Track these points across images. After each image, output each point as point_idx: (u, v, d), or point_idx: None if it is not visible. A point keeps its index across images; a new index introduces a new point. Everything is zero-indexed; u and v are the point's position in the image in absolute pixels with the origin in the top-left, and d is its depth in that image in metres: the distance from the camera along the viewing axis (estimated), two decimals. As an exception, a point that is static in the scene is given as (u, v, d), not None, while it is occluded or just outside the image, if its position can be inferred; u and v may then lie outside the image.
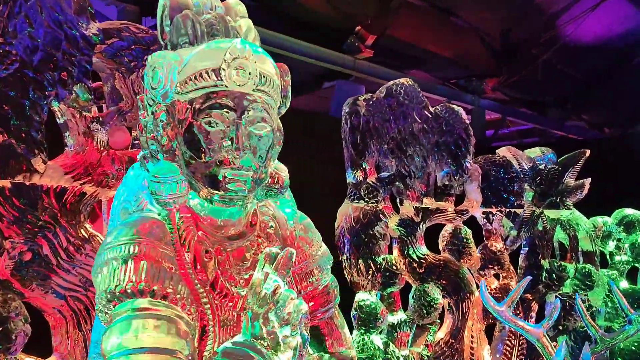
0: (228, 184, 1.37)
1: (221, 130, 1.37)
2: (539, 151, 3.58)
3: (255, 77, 1.39)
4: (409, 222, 3.16)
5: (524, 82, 6.63)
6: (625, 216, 3.77)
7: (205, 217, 1.46)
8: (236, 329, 1.42)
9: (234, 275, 1.45)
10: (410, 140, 3.18)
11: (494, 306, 2.20)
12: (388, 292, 3.10)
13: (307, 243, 1.68)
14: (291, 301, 1.21)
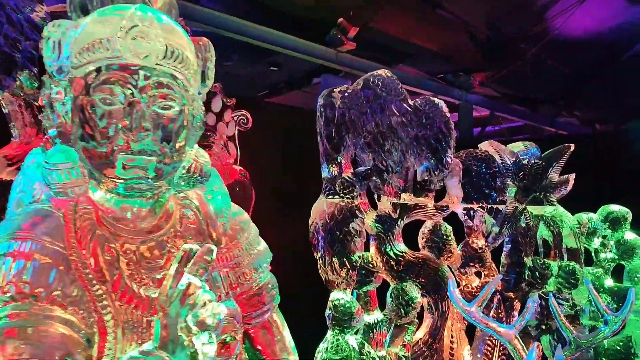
0: (126, 172, 1.23)
1: (118, 109, 1.22)
2: (522, 146, 3.51)
3: (159, 48, 1.25)
4: (386, 218, 3.09)
5: (512, 77, 6.57)
6: (611, 212, 3.71)
7: (110, 210, 1.33)
8: (146, 335, 1.29)
9: (142, 275, 1.32)
10: (388, 134, 3.10)
11: (462, 306, 2.13)
12: (364, 291, 3.03)
13: (239, 240, 1.56)
14: (208, 304, 1.10)
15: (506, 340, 2.15)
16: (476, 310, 2.15)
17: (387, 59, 5.86)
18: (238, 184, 3.55)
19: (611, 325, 2.51)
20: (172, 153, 1.28)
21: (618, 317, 2.53)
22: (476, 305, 2.16)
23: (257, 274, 1.58)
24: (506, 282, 3.45)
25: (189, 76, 1.33)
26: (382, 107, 3.11)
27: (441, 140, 3.31)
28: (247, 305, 1.56)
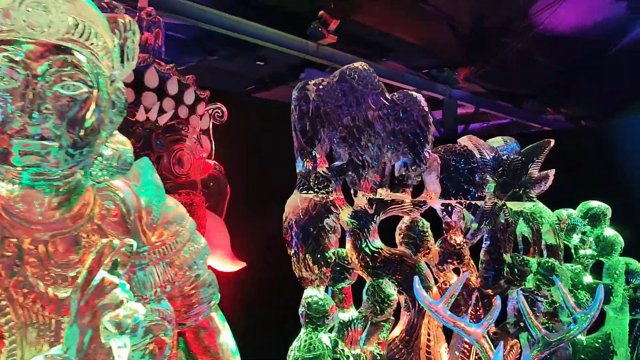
0: (22, 158, 1.12)
1: (12, 88, 1.12)
2: (502, 141, 3.48)
3: (62, 22, 1.14)
4: (362, 214, 3.04)
5: (497, 73, 6.55)
6: (591, 208, 3.70)
7: (15, 201, 1.23)
8: (55, 338, 1.19)
9: (51, 272, 1.22)
10: (365, 128, 3.05)
11: (429, 304, 2.08)
12: (339, 288, 2.98)
13: (171, 235, 1.47)
14: (125, 303, 1.03)
15: (474, 339, 2.11)
16: (443, 308, 2.10)
17: (369, 53, 5.81)
18: (212, 179, 3.50)
19: (580, 324, 2.48)
20: (79, 138, 1.18)
21: (587, 315, 2.51)
22: (443, 303, 2.11)
23: (192, 272, 1.50)
24: (485, 279, 3.42)
25: (101, 55, 1.24)
26: (358, 100, 3.05)
27: (419, 134, 3.27)
28: (180, 305, 1.49)
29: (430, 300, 2.14)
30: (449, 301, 2.15)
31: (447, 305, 2.13)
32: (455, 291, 2.21)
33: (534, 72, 7.04)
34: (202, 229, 3.29)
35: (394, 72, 5.84)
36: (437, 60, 6.25)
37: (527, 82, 7.27)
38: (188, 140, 3.24)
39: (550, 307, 3.52)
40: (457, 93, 6.60)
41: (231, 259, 3.43)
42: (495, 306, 2.19)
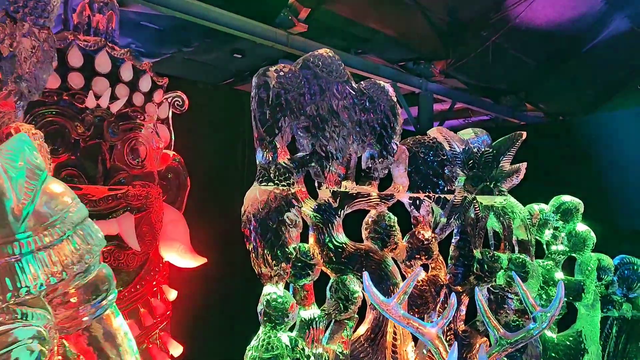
0: None
1: None
2: (472, 133, 3.40)
3: None
4: (326, 207, 2.93)
5: (474, 67, 6.49)
6: (563, 203, 3.64)
7: None
8: None
9: None
10: (329, 118, 2.94)
11: (380, 302, 1.97)
12: (301, 285, 2.86)
13: (47, 223, 1.32)
14: None
15: (428, 339, 2.01)
16: (395, 306, 2.00)
17: (343, 44, 5.70)
18: (171, 170, 3.35)
19: (539, 323, 2.40)
20: None
21: (546, 313, 2.43)
22: (396, 301, 2.00)
23: (75, 267, 1.34)
24: (454, 276, 3.34)
25: None
26: (322, 88, 2.94)
27: (386, 125, 3.17)
28: (62, 305, 1.33)
29: (382, 299, 2.03)
30: (402, 299, 2.04)
31: (399, 303, 2.02)
32: (408, 288, 2.10)
33: (511, 67, 7.00)
34: (159, 222, 3.15)
35: (368, 64, 5.74)
36: (412, 53, 6.17)
37: (505, 77, 7.23)
38: (144, 129, 3.09)
39: (521, 305, 3.45)
40: (433, 86, 6.52)
41: (191, 254, 3.29)
42: (450, 305, 2.09)
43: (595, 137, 5.24)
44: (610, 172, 5.03)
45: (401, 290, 2.07)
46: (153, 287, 3.12)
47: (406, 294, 2.09)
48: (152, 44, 7.13)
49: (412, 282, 2.16)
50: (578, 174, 4.96)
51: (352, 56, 5.66)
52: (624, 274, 3.69)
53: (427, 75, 6.40)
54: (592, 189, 4.35)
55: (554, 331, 3.59)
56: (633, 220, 4.80)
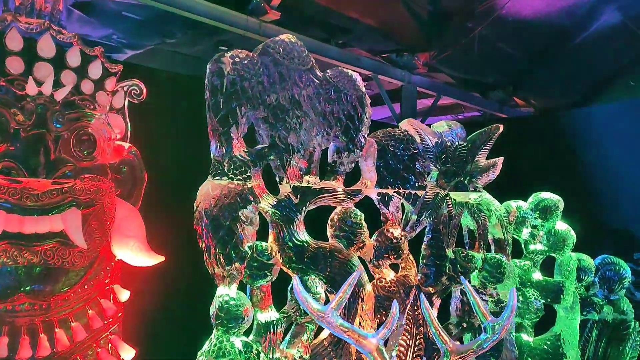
0: None
1: None
2: (446, 125, 3.25)
3: None
4: (285, 203, 2.77)
5: (459, 59, 6.33)
6: (542, 200, 3.50)
7: None
8: None
9: None
10: (290, 108, 2.78)
11: (312, 309, 1.80)
12: (258, 286, 2.70)
13: None
14: None
15: (367, 352, 1.84)
16: (332, 314, 1.83)
17: (321, 34, 5.53)
18: (126, 163, 3.17)
19: (490, 333, 2.24)
20: None
21: (498, 323, 2.27)
22: (332, 308, 1.84)
23: None
24: (425, 276, 3.19)
25: None
26: (282, 76, 2.78)
27: (353, 117, 3.01)
28: None
29: (316, 306, 1.85)
30: (339, 305, 1.87)
31: (336, 310, 1.86)
32: (346, 293, 1.94)
33: (498, 60, 6.85)
34: (110, 218, 2.98)
35: (348, 56, 5.56)
36: (394, 44, 6.00)
37: (492, 71, 7.08)
38: (96, 120, 2.92)
39: (496, 307, 3.30)
40: (417, 79, 6.36)
41: (147, 251, 3.11)
42: (392, 314, 1.93)
43: (579, 132, 5.08)
44: (594, 168, 4.88)
45: (338, 297, 1.90)
46: (104, 287, 2.95)
47: (344, 299, 1.92)
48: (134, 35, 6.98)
49: (351, 286, 1.99)
50: (560, 170, 4.80)
51: (331, 47, 5.48)
52: (605, 274, 3.56)
53: (410, 67, 6.24)
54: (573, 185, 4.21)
55: (531, 335, 3.45)
56: (616, 218, 4.66)
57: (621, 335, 3.47)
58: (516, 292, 2.44)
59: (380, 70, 5.94)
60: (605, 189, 4.73)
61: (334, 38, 5.67)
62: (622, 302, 3.54)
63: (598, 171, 4.79)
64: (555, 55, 7.22)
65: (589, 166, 4.86)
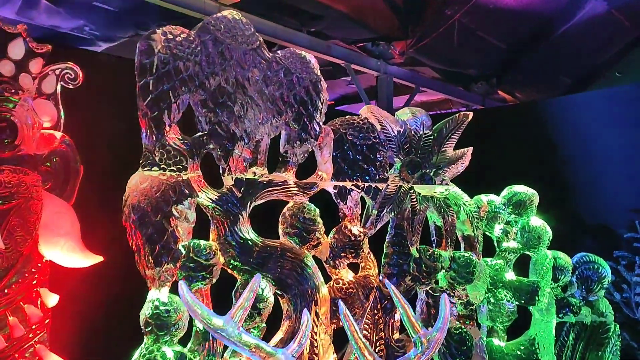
0: None
1: None
2: (410, 113, 3.00)
3: None
4: (227, 198, 2.51)
5: (438, 49, 6.10)
6: (515, 194, 3.28)
7: None
8: None
9: None
10: (232, 91, 2.52)
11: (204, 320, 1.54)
12: (194, 289, 2.45)
13: None
14: None
15: None
16: (231, 325, 1.58)
17: (292, 21, 5.28)
18: (57, 154, 2.90)
19: (420, 348, 2.00)
20: None
21: (430, 336, 2.04)
22: (231, 316, 1.59)
23: None
24: (387, 276, 2.96)
25: None
26: (223, 56, 2.52)
27: (306, 102, 2.76)
28: None
29: (210, 317, 1.58)
30: (239, 315, 1.62)
31: (236, 322, 1.60)
32: (247, 301, 1.69)
33: (479, 50, 6.64)
34: (36, 215, 2.71)
35: (318, 43, 5.31)
36: (368, 32, 5.75)
37: (473, 61, 6.86)
38: (19, 106, 2.65)
39: (465, 310, 3.08)
40: (394, 70, 6.12)
41: (81, 251, 2.85)
42: (303, 325, 1.68)
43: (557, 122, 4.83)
44: (572, 160, 4.63)
45: (237, 305, 1.65)
46: (29, 291, 2.68)
47: (243, 307, 1.67)
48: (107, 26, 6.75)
49: (252, 294, 1.74)
50: (536, 162, 4.56)
51: (299, 34, 5.23)
52: (583, 274, 3.34)
53: (386, 57, 6.01)
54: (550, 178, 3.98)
55: (503, 339, 3.22)
56: (595, 213, 4.43)
57: (600, 339, 3.25)
58: (448, 299, 2.19)
59: (353, 59, 5.70)
60: (583, 182, 4.50)
61: (305, 25, 5.43)
62: (601, 304, 3.32)
63: (577, 163, 4.56)
64: (539, 46, 7.01)
65: (567, 158, 4.63)
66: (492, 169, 3.60)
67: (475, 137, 3.21)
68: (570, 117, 4.72)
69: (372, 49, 5.96)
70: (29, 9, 6.14)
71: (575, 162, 4.56)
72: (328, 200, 2.94)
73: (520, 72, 7.46)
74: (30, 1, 6.01)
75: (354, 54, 5.76)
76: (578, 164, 4.54)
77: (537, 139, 4.72)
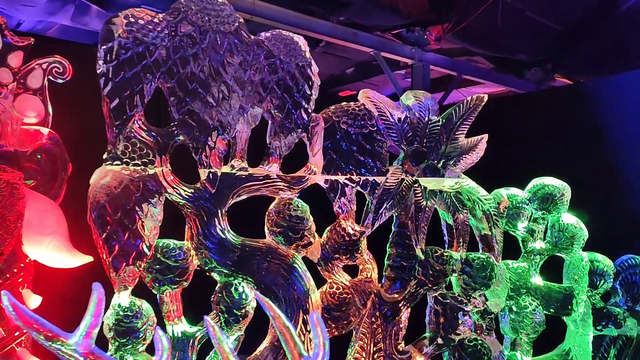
0: None
1: None
2: (413, 97, 2.69)
3: None
4: (200, 194, 2.32)
5: (478, 31, 5.64)
6: (542, 188, 2.88)
7: None
8: None
9: None
10: (205, 78, 2.32)
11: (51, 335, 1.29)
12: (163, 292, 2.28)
13: None
14: None
15: None
16: (79, 341, 1.34)
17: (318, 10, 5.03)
18: (43, 151, 2.83)
19: None
20: None
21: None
22: (79, 335, 1.36)
23: None
24: (389, 281, 2.66)
25: None
26: (194, 40, 2.33)
27: (291, 89, 2.53)
28: None
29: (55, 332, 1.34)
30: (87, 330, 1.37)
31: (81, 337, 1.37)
32: (98, 318, 1.44)
33: (529, 33, 6.10)
34: (17, 214, 2.64)
35: (341, 31, 5.01)
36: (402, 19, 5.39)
37: (523, 45, 6.33)
38: (1, 100, 2.59)
39: (483, 320, 2.73)
40: (430, 57, 5.70)
41: (68, 251, 2.77)
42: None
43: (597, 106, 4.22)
44: (614, 148, 4.02)
45: (85, 320, 1.42)
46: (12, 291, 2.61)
47: (90, 323, 1.43)
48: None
49: (101, 307, 1.50)
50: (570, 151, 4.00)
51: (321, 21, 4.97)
52: (628, 279, 2.90)
53: (421, 43, 5.63)
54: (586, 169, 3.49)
55: (528, 354, 2.82)
56: (639, 209, 3.84)
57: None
58: (321, 319, 1.86)
59: (383, 47, 5.37)
60: (627, 173, 3.90)
61: (332, 14, 5.18)
62: (650, 314, 2.86)
63: (620, 151, 3.96)
64: (600, 25, 6.35)
65: (609, 146, 4.03)
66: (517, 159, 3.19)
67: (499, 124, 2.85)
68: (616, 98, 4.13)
69: (407, 35, 5.62)
70: (82, 15, 6.25)
71: (618, 150, 3.97)
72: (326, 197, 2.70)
73: (580, 55, 6.80)
74: (83, 7, 6.11)
75: (384, 41, 5.44)
76: (621, 152, 3.95)
77: (573, 124, 4.17)
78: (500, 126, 2.85)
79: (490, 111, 2.85)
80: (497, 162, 2.77)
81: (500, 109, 2.67)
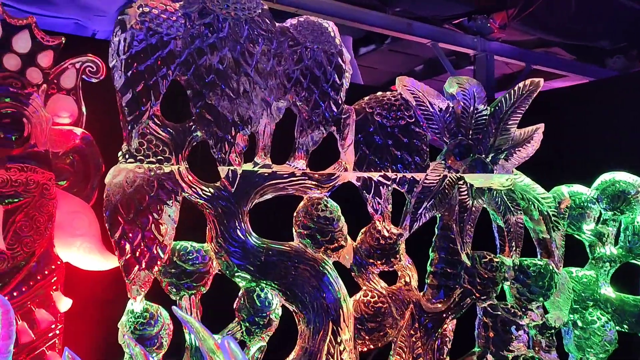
0: None
1: None
2: (456, 85, 2.42)
3: None
4: (219, 193, 2.19)
5: (549, 16, 5.16)
6: (612, 184, 2.51)
7: None
8: None
9: None
10: (223, 69, 2.19)
11: None
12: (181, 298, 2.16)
13: None
14: None
15: None
16: None
17: (374, 1, 4.80)
18: (75, 152, 2.80)
19: None
20: None
21: None
22: None
23: None
24: (432, 289, 2.41)
25: None
26: (212, 28, 2.20)
27: (318, 78, 2.34)
28: None
29: None
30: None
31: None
32: None
33: (608, 16, 5.55)
34: (48, 215, 2.61)
35: (394, 21, 4.72)
36: (461, 7, 5.03)
37: (602, 29, 5.76)
38: (33, 101, 2.59)
39: (541, 337, 2.41)
40: (495, 46, 5.29)
41: (100, 253, 2.72)
42: None
43: None
44: None
45: None
46: (42, 293, 2.60)
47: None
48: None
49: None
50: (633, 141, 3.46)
51: (371, 12, 4.72)
52: None
53: (484, 32, 5.25)
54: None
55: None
56: None
57: None
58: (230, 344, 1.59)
59: (441, 37, 5.05)
60: None
61: (388, 5, 4.94)
62: None
63: None
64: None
65: None
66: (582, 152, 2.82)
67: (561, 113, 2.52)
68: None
69: (469, 24, 5.26)
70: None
71: None
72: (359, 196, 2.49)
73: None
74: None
75: (442, 31, 5.11)
76: None
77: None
78: (561, 115, 2.50)
79: (552, 99, 2.53)
80: (557, 155, 2.43)
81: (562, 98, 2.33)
